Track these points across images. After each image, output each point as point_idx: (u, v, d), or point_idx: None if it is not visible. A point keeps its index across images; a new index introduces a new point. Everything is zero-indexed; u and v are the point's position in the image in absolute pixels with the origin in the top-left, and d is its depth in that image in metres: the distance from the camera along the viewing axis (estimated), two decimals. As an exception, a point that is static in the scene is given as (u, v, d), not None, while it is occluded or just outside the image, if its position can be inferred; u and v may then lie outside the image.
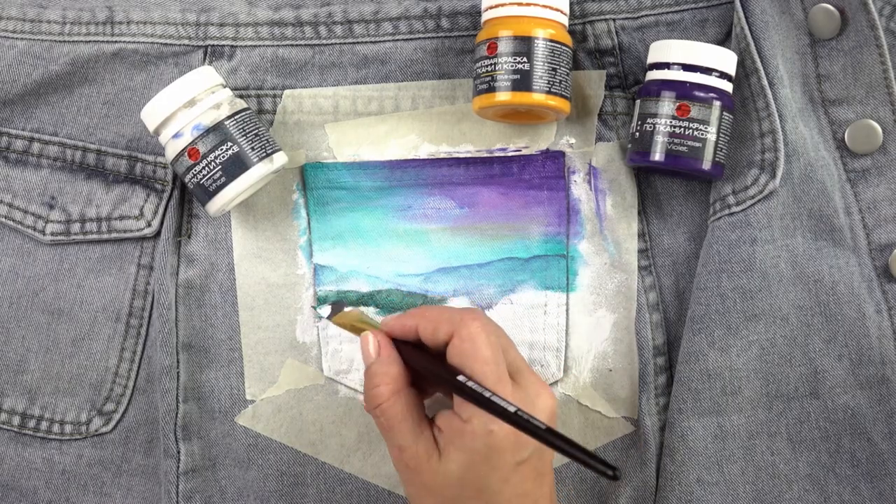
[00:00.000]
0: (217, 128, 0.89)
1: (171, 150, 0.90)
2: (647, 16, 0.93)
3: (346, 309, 0.91)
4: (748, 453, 0.91)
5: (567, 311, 0.94)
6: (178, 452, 0.94)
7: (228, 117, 0.89)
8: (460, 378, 0.80)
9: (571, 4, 0.93)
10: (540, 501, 0.82)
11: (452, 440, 0.80)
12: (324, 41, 0.95)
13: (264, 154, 0.90)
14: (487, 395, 0.78)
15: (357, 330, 0.88)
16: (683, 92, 0.89)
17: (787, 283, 0.91)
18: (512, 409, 0.76)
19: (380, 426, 0.84)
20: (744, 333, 0.91)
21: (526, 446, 0.80)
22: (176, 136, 0.89)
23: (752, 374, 0.91)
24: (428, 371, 0.83)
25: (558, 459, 0.93)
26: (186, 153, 0.89)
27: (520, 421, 0.76)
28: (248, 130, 0.89)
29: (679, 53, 0.89)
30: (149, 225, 0.96)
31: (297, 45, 0.95)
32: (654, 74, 0.90)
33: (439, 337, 0.82)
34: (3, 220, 0.98)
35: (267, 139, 0.90)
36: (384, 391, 0.82)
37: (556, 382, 0.94)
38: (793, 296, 0.91)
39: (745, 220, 0.91)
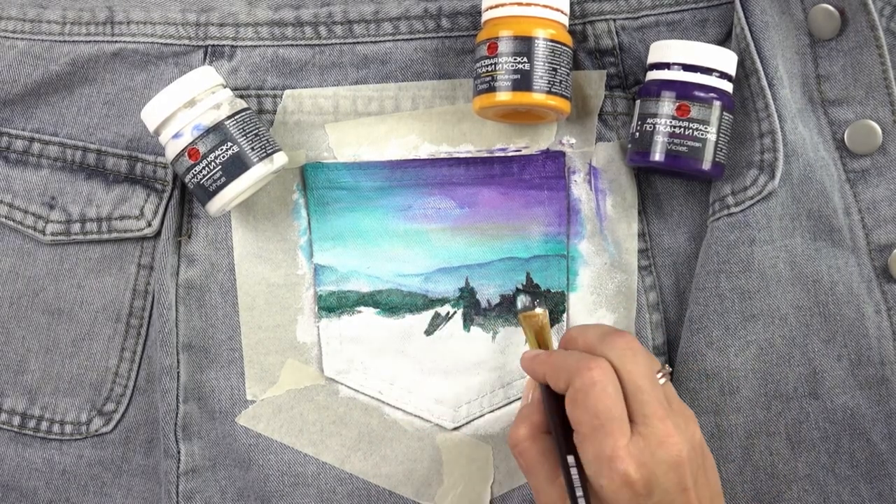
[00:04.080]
0: (217, 128, 0.89)
1: (172, 150, 0.90)
2: (647, 16, 0.93)
3: (538, 310, 0.91)
4: (747, 453, 0.91)
5: (567, 311, 0.94)
6: (179, 452, 0.94)
7: (228, 117, 0.89)
8: (570, 459, 0.82)
9: (572, 4, 0.93)
10: None
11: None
12: (324, 41, 0.95)
13: (264, 154, 0.90)
14: (572, 487, 0.81)
15: (532, 335, 0.90)
16: (683, 92, 0.89)
17: (786, 283, 0.91)
18: None
19: (520, 466, 0.86)
20: (742, 334, 0.91)
21: (646, 495, 0.79)
22: (176, 136, 0.89)
23: (750, 373, 0.91)
24: (553, 428, 0.85)
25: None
26: (186, 153, 0.89)
27: None
28: (248, 130, 0.89)
29: (679, 53, 0.89)
30: (149, 225, 0.96)
31: (297, 46, 0.95)
32: (654, 74, 0.90)
33: (560, 386, 0.82)
34: (4, 220, 0.98)
35: (267, 139, 0.90)
36: (521, 434, 0.85)
37: (556, 382, 0.94)
38: (791, 296, 0.91)
39: (744, 220, 0.91)
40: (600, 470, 0.79)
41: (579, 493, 0.80)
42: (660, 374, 0.83)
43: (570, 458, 0.81)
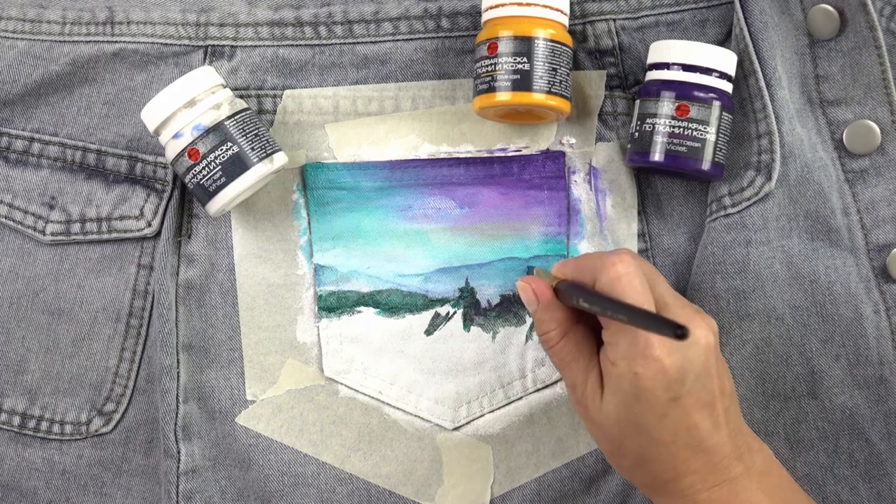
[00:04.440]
0: (217, 128, 0.89)
1: (171, 150, 0.90)
2: (647, 16, 0.93)
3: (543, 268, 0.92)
4: (745, 453, 0.92)
5: (567, 311, 0.94)
6: (179, 452, 0.94)
7: (228, 117, 0.89)
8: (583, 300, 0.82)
9: (571, 4, 0.93)
10: (712, 433, 0.82)
11: (607, 381, 0.82)
12: (324, 41, 0.95)
13: (264, 154, 0.90)
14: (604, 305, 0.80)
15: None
16: (683, 92, 0.89)
17: (783, 283, 0.91)
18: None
19: (555, 364, 0.87)
20: (737, 332, 0.91)
21: (679, 381, 0.80)
22: (176, 136, 0.89)
23: (746, 372, 0.91)
24: (573, 299, 0.85)
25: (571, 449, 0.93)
26: (186, 153, 0.89)
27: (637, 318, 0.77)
28: (248, 131, 0.89)
29: (679, 53, 0.89)
30: (149, 225, 0.95)
31: (297, 46, 0.95)
32: (653, 74, 0.91)
33: (586, 282, 0.84)
34: (4, 220, 0.97)
35: (267, 139, 0.90)
36: (554, 335, 0.86)
37: (556, 382, 0.94)
38: (788, 296, 0.91)
39: (741, 221, 0.91)
40: (635, 359, 0.80)
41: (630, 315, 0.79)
42: None
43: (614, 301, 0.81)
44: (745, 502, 0.82)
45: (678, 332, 0.70)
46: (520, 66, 0.88)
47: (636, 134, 0.91)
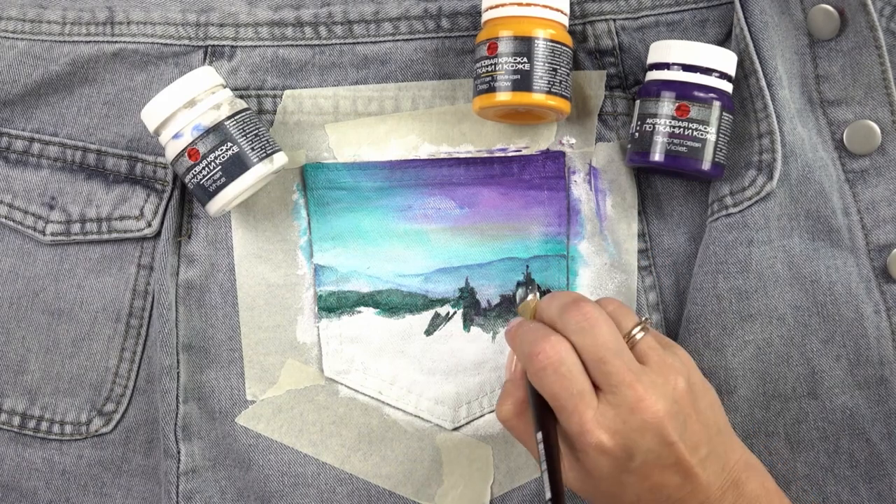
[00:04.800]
0: (217, 128, 0.89)
1: (172, 150, 0.90)
2: (647, 16, 0.93)
3: (528, 297, 0.91)
4: (745, 453, 0.92)
5: (567, 311, 0.94)
6: (179, 453, 0.94)
7: (228, 118, 0.89)
8: (538, 436, 0.82)
9: (571, 4, 0.93)
10: (683, 485, 0.82)
11: (562, 456, 0.83)
12: (324, 41, 0.95)
13: (264, 154, 0.90)
14: (543, 467, 0.81)
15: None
16: (683, 92, 0.89)
17: (784, 283, 0.91)
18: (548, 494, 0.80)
19: (512, 435, 0.88)
20: (739, 333, 0.91)
21: (628, 457, 0.80)
22: (176, 136, 0.89)
23: (748, 373, 0.91)
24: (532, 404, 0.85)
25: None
26: (186, 153, 0.89)
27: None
28: (248, 131, 0.89)
29: (679, 53, 0.89)
30: (149, 225, 0.95)
31: (297, 46, 0.95)
32: (653, 75, 0.91)
33: (523, 365, 0.84)
34: (4, 220, 0.98)
35: (267, 139, 0.90)
36: (508, 410, 0.86)
37: (556, 382, 0.94)
38: (789, 296, 0.91)
39: (742, 221, 0.91)
40: (574, 443, 0.81)
41: (543, 466, 0.81)
42: (637, 330, 0.83)
43: (538, 435, 0.82)
44: None
45: None
46: (520, 66, 0.88)
47: (636, 134, 0.91)
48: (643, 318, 0.84)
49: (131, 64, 0.96)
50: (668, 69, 0.90)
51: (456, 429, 0.94)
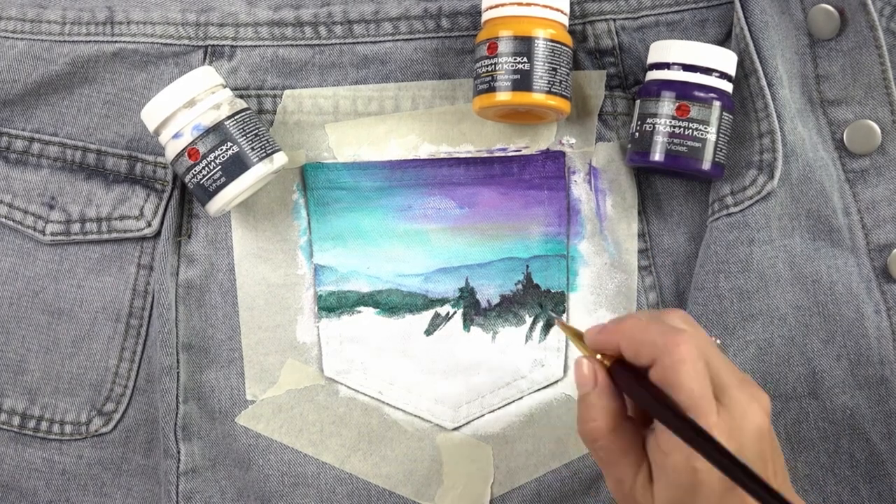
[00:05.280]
0: (217, 128, 0.89)
1: (171, 150, 0.90)
2: (647, 16, 0.93)
3: (553, 320, 0.90)
4: (746, 453, 0.91)
5: (567, 311, 0.94)
6: (178, 452, 0.94)
7: (228, 117, 0.89)
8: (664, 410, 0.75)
9: (571, 4, 0.93)
10: None
11: (658, 474, 0.76)
12: (324, 41, 0.95)
13: (264, 154, 0.90)
14: (687, 427, 0.74)
15: (571, 340, 0.84)
16: (683, 92, 0.89)
17: (785, 283, 0.91)
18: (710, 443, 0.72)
19: (597, 458, 0.80)
20: (741, 333, 0.91)
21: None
22: (176, 136, 0.89)
23: (749, 373, 0.91)
24: (632, 394, 0.78)
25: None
26: (186, 153, 0.89)
27: (714, 455, 0.72)
28: (248, 130, 0.89)
29: (679, 53, 0.89)
30: (149, 225, 0.96)
31: (297, 46, 0.95)
32: (653, 74, 0.91)
33: (641, 360, 0.77)
34: (3, 220, 0.98)
35: (267, 139, 0.90)
36: (603, 427, 0.78)
37: (556, 382, 0.94)
38: (790, 296, 0.91)
39: (743, 220, 0.91)
40: (693, 450, 0.74)
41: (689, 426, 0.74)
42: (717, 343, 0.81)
43: (675, 422, 0.75)
44: None
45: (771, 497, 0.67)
46: (520, 66, 0.88)
47: (636, 134, 0.91)
48: (717, 341, 0.82)
49: (131, 64, 0.96)
50: (669, 69, 0.90)
51: (456, 429, 0.94)
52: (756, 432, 0.76)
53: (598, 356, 0.80)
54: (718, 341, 0.83)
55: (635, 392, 0.77)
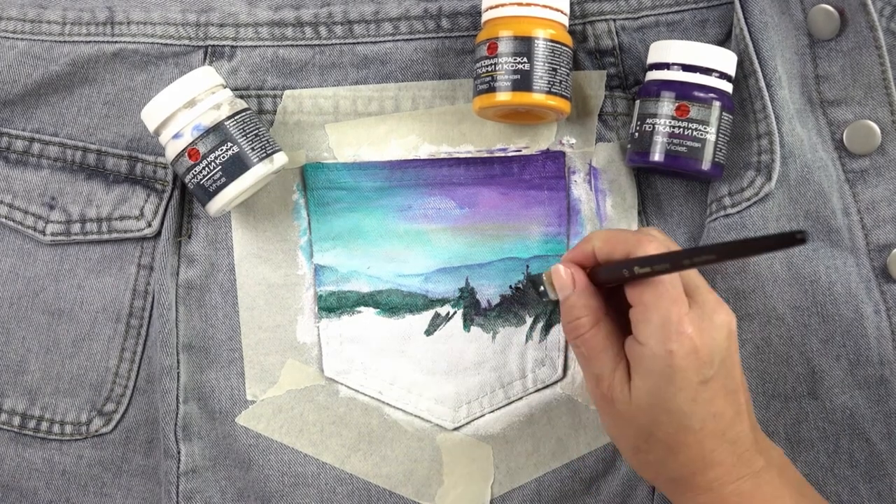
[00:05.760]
0: (217, 128, 0.89)
1: (172, 150, 0.90)
2: (647, 16, 0.93)
3: (542, 274, 0.91)
4: (745, 452, 0.92)
5: (567, 311, 0.94)
6: (179, 453, 0.94)
7: (228, 118, 0.89)
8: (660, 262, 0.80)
9: (571, 4, 0.93)
10: (735, 421, 0.81)
11: (636, 367, 0.81)
12: (324, 41, 0.95)
13: (264, 154, 0.90)
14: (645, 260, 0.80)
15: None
16: (683, 92, 0.89)
17: (783, 283, 0.91)
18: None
19: (579, 356, 0.85)
20: (737, 332, 0.91)
21: (709, 363, 0.80)
22: (176, 136, 0.89)
23: (747, 372, 0.91)
24: (607, 276, 0.84)
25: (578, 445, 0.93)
26: (186, 154, 0.89)
27: (689, 258, 0.78)
28: (248, 131, 0.89)
29: (679, 54, 0.89)
30: (149, 225, 0.96)
31: (297, 46, 0.95)
32: (653, 75, 0.91)
33: (615, 257, 0.83)
34: (4, 220, 0.98)
35: (267, 139, 0.90)
36: (585, 322, 0.84)
37: (556, 382, 0.94)
38: (788, 296, 0.91)
39: (741, 221, 0.91)
40: (668, 336, 0.79)
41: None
42: None
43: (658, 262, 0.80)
44: (768, 495, 0.82)
45: (798, 235, 0.69)
46: (520, 66, 0.88)
47: (636, 134, 0.91)
48: None
49: (131, 64, 0.96)
50: (668, 69, 0.90)
51: (456, 429, 0.94)
52: (726, 329, 0.81)
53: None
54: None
55: (613, 268, 0.83)
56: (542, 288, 0.90)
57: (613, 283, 0.84)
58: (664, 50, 0.90)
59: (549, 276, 0.88)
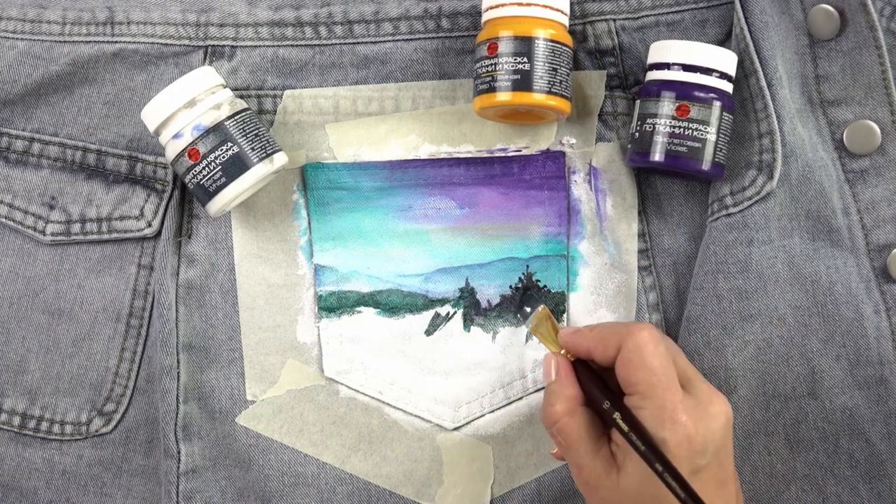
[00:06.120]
0: (217, 128, 0.89)
1: (172, 150, 0.90)
2: (647, 16, 0.93)
3: (539, 308, 0.91)
4: (745, 453, 0.91)
5: (567, 311, 0.94)
6: (179, 453, 0.94)
7: (228, 118, 0.89)
8: (616, 416, 0.82)
9: (572, 4, 0.93)
10: None
11: (628, 454, 0.81)
12: (324, 41, 0.95)
13: (264, 154, 0.90)
14: (635, 438, 0.81)
15: (542, 336, 0.90)
16: (683, 92, 0.89)
17: (784, 283, 0.91)
18: (658, 461, 0.79)
19: (558, 444, 0.85)
20: (739, 333, 0.91)
21: (702, 453, 0.80)
22: (176, 136, 0.89)
23: (748, 373, 0.91)
24: (594, 396, 0.85)
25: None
26: (186, 153, 0.89)
27: (655, 458, 0.79)
28: (248, 131, 0.89)
29: (679, 54, 0.89)
30: (149, 225, 0.96)
31: (297, 46, 0.95)
32: (654, 74, 0.91)
33: (609, 353, 0.83)
34: (4, 220, 0.98)
35: (267, 139, 0.90)
36: (559, 409, 0.84)
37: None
38: (790, 296, 0.91)
39: (743, 221, 0.91)
40: (662, 423, 0.80)
41: (638, 444, 0.80)
42: None
43: (614, 411, 0.82)
44: None
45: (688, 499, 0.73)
46: (520, 66, 0.88)
47: (636, 134, 0.91)
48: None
49: (131, 64, 0.96)
50: (669, 69, 0.90)
51: (456, 429, 0.94)
52: (721, 421, 0.81)
53: (564, 352, 0.88)
54: None
55: (593, 386, 0.84)
56: (527, 310, 0.91)
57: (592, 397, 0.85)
58: (664, 50, 0.90)
59: (539, 316, 0.90)
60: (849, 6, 0.91)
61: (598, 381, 0.85)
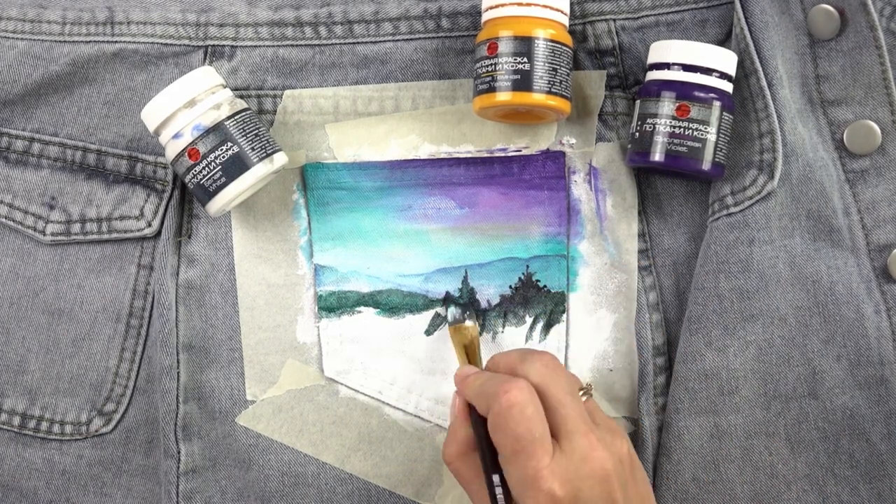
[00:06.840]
0: (217, 128, 0.89)
1: (172, 150, 0.90)
2: (647, 16, 0.93)
3: (468, 322, 0.91)
4: (746, 453, 0.91)
5: (567, 311, 0.94)
6: (179, 453, 0.94)
7: (228, 117, 0.89)
8: (495, 478, 0.83)
9: (572, 4, 0.93)
10: None
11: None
12: (324, 41, 0.95)
13: (264, 154, 0.90)
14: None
15: (461, 348, 0.91)
16: (683, 92, 0.89)
17: (785, 283, 0.91)
18: None
19: (456, 479, 0.86)
20: (741, 334, 0.91)
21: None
22: (176, 136, 0.89)
23: (749, 374, 0.91)
24: (479, 445, 0.85)
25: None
26: (186, 153, 0.89)
27: None
28: (248, 131, 0.89)
29: (679, 53, 0.89)
30: (149, 225, 0.96)
31: (297, 46, 0.95)
32: (654, 74, 0.91)
33: (484, 410, 0.83)
34: (4, 220, 0.98)
35: (267, 139, 0.90)
36: (451, 452, 0.85)
37: (556, 382, 0.94)
38: (791, 296, 0.91)
39: (744, 220, 0.91)
40: (525, 491, 0.79)
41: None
42: (581, 392, 0.84)
43: (496, 478, 0.82)
44: None
45: None
46: (520, 66, 0.88)
47: (636, 134, 0.91)
48: (586, 384, 0.85)
49: (131, 64, 0.96)
50: (669, 69, 0.90)
51: (456, 429, 0.94)
52: (599, 476, 0.79)
53: None
54: (590, 386, 0.85)
55: (482, 433, 0.84)
56: (451, 309, 0.92)
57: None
58: (664, 50, 0.90)
59: (468, 329, 0.91)
60: (849, 6, 0.91)
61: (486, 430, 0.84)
